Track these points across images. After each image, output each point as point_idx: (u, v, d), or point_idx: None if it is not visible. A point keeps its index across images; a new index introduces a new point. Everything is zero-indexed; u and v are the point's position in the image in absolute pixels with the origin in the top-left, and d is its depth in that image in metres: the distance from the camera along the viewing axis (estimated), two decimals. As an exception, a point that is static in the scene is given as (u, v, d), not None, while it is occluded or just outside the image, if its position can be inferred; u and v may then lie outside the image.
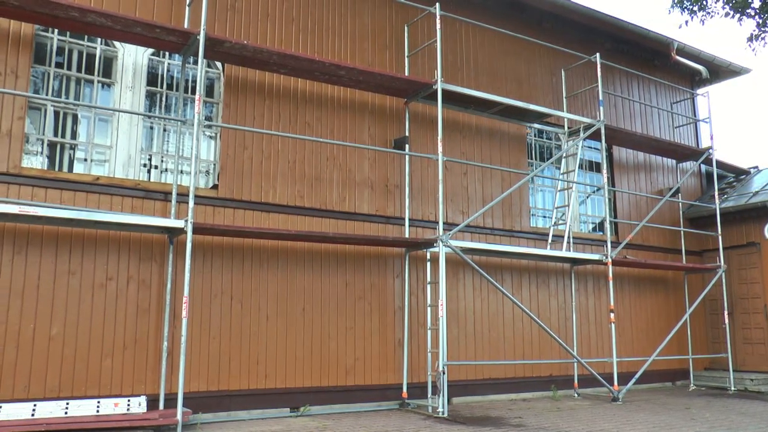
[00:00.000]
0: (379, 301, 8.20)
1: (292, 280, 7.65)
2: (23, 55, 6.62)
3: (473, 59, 9.74)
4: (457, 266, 8.85)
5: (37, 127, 6.86)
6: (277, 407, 7.30)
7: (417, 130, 8.91)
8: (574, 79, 10.83)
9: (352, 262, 8.08)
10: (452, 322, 8.67)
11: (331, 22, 8.55)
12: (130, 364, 6.65)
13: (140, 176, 7.21)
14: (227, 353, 7.13)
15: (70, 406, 6.14)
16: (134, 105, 7.27)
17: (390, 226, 8.44)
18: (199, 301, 7.06)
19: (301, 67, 7.53)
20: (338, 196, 8.14)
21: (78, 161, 7.02)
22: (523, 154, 10.01)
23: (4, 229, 6.29)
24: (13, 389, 6.10)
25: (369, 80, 7.96)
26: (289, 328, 7.54)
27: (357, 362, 7.90)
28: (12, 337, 6.17)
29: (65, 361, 6.36)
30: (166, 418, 6.13)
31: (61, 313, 6.41)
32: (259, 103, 7.81)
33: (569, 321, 9.85)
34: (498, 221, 9.48)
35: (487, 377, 8.92)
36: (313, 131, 8.10)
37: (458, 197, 9.16)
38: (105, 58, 7.25)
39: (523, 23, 10.35)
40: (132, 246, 6.84)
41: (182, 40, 6.85)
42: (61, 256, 6.49)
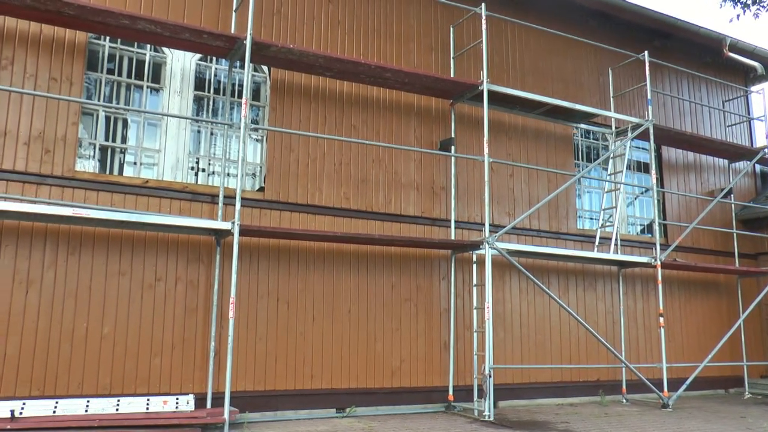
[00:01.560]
0: (425, 303, 8.18)
1: (339, 281, 7.69)
2: (77, 63, 6.83)
3: (519, 59, 9.64)
4: (503, 268, 8.77)
5: (90, 132, 7.06)
6: (323, 408, 7.35)
7: (463, 131, 8.87)
8: (621, 78, 10.63)
9: (398, 263, 8.08)
10: (498, 325, 8.59)
11: (377, 24, 8.58)
12: (178, 363, 6.77)
13: (188, 179, 7.34)
14: (274, 353, 7.20)
15: (121, 403, 6.28)
16: (182, 109, 7.41)
17: (436, 228, 8.42)
18: (246, 302, 7.15)
19: (346, 69, 7.57)
20: (384, 198, 8.15)
21: (128, 165, 7.20)
22: (569, 154, 9.87)
23: (59, 231, 6.48)
24: (67, 386, 6.29)
25: (415, 82, 7.95)
26: (336, 329, 7.58)
27: (403, 364, 7.90)
28: (66, 336, 6.35)
29: (116, 360, 6.52)
30: (213, 417, 6.22)
31: (112, 312, 6.58)
32: (305, 105, 7.88)
33: (617, 325, 9.65)
34: (544, 223, 9.37)
35: (534, 381, 8.81)
36: (359, 133, 8.14)
37: (504, 199, 9.08)
38: (154, 64, 7.42)
39: (570, 22, 10.20)
40: (180, 247, 6.98)
41: (229, 44, 6.95)
42: (112, 257, 6.66)
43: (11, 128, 6.45)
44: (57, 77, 6.72)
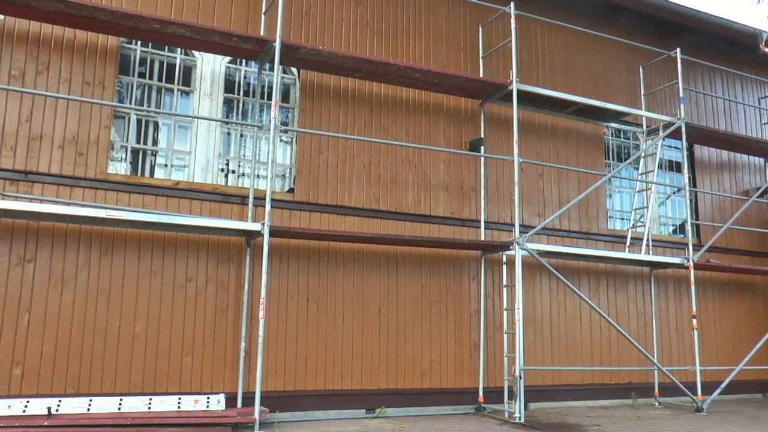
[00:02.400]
0: (454, 303, 8.15)
1: (368, 282, 7.69)
2: (109, 67, 6.94)
3: (548, 58, 9.56)
4: (534, 269, 8.70)
5: (121, 134, 7.16)
6: (353, 408, 7.36)
7: (492, 131, 8.82)
8: (652, 75, 10.47)
9: (427, 264, 8.06)
10: (528, 326, 8.52)
11: (406, 24, 8.57)
12: (209, 362, 6.84)
13: (218, 181, 7.41)
14: (304, 354, 7.23)
15: (153, 402, 6.37)
16: (212, 112, 7.48)
17: (465, 229, 8.38)
18: (276, 302, 7.19)
19: (375, 70, 7.57)
20: (413, 199, 8.14)
21: (159, 167, 7.29)
22: (600, 154, 9.75)
23: (92, 232, 6.59)
24: (101, 384, 6.39)
25: (444, 82, 7.93)
26: (365, 330, 7.58)
27: (433, 365, 7.87)
28: (100, 335, 6.46)
29: (148, 358, 6.61)
30: (244, 416, 6.26)
31: (144, 312, 6.67)
32: (335, 107, 7.91)
33: (649, 327, 9.51)
34: (575, 223, 9.27)
35: (564, 383, 8.72)
36: (388, 134, 8.14)
37: (534, 199, 9.00)
38: (184, 67, 7.50)
39: (600, 20, 10.08)
40: (210, 248, 7.04)
41: (258, 47, 7.00)
42: (144, 258, 6.75)
43: (47, 131, 6.57)
44: (90, 81, 6.83)
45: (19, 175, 6.42)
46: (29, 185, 6.45)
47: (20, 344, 6.18)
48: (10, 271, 6.26)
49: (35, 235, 6.39)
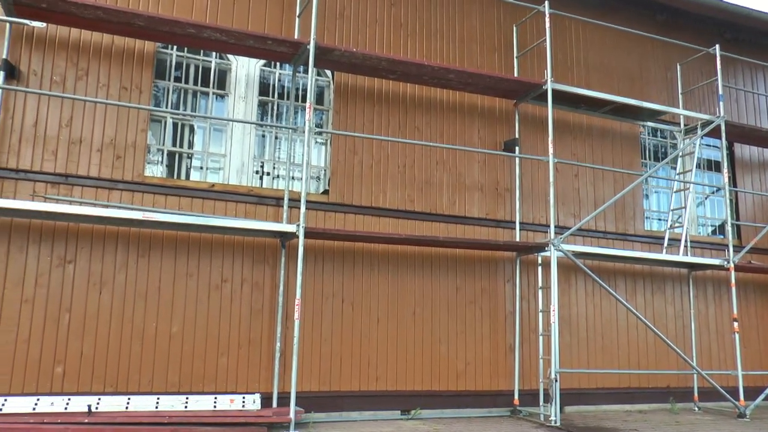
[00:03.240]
0: (489, 305, 8.09)
1: (403, 283, 7.68)
2: (146, 71, 7.05)
3: (583, 57, 9.44)
4: (569, 271, 8.60)
5: (158, 138, 7.27)
6: (388, 409, 7.35)
7: (527, 131, 8.74)
8: (690, 73, 10.26)
9: (462, 266, 8.02)
10: (564, 329, 8.42)
11: (440, 25, 8.54)
12: (244, 362, 6.89)
13: (253, 183, 7.47)
14: (339, 354, 7.25)
15: (189, 401, 6.45)
16: (247, 114, 7.53)
17: (500, 230, 8.32)
18: (311, 303, 7.22)
19: (409, 71, 7.56)
20: (448, 200, 8.11)
21: (194, 169, 7.38)
22: (636, 154, 9.60)
23: (129, 234, 6.69)
24: (139, 383, 6.49)
25: (478, 82, 7.88)
26: (400, 331, 7.57)
27: (468, 367, 7.83)
28: (137, 335, 6.56)
29: (184, 358, 6.69)
30: (279, 416, 6.29)
31: (180, 312, 6.75)
32: (369, 108, 7.91)
33: (687, 329, 9.32)
34: (611, 224, 9.14)
35: (601, 386, 8.60)
36: (422, 135, 8.12)
37: (569, 200, 8.90)
38: (219, 71, 7.58)
39: (636, 17, 9.92)
40: (245, 249, 7.10)
41: (292, 50, 7.04)
42: (180, 259, 6.83)
43: (86, 136, 6.70)
44: (127, 86, 6.94)
45: (60, 178, 6.55)
46: (69, 188, 6.58)
47: (61, 343, 6.31)
48: (51, 272, 6.39)
49: (75, 236, 6.52)
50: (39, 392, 6.14)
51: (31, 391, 6.13)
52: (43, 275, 6.36)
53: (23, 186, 6.43)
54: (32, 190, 6.45)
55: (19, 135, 6.48)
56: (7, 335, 6.15)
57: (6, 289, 6.23)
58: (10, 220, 6.32)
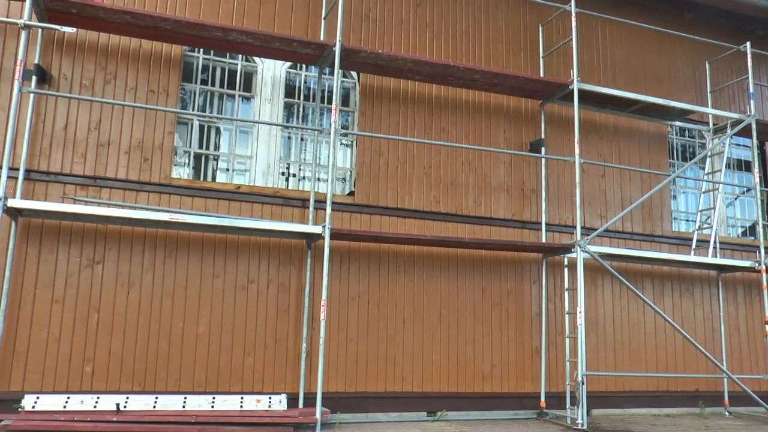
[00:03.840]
0: (515, 307, 8.04)
1: (429, 284, 7.66)
2: (173, 75, 7.11)
3: (610, 56, 9.35)
4: (596, 272, 8.51)
5: (185, 140, 7.33)
6: (413, 411, 7.33)
7: (553, 132, 8.67)
8: (720, 71, 10.11)
9: (488, 267, 7.98)
10: (590, 331, 8.34)
11: (465, 25, 8.51)
12: (270, 362, 6.92)
13: (279, 184, 7.50)
14: (365, 355, 7.25)
15: (216, 400, 6.48)
16: (273, 116, 7.57)
17: (526, 231, 8.26)
18: (337, 304, 7.23)
19: (435, 72, 7.54)
20: (474, 201, 8.07)
21: (221, 171, 7.45)
22: (664, 154, 9.48)
23: (156, 235, 6.76)
24: (166, 382, 6.55)
25: (504, 83, 7.84)
26: (426, 333, 7.55)
27: (494, 369, 7.78)
28: (164, 335, 6.62)
29: (211, 358, 6.74)
30: (305, 417, 6.30)
31: (207, 312, 6.80)
32: (394, 109, 7.91)
33: (717, 333, 9.17)
34: (638, 225, 9.03)
35: (628, 389, 8.49)
36: (448, 136, 8.10)
37: (596, 201, 8.81)
38: (245, 73, 7.62)
39: (664, 16, 9.80)
40: (271, 250, 7.13)
41: (318, 52, 7.05)
42: (206, 260, 6.88)
43: (114, 138, 6.77)
44: (155, 89, 7.01)
45: (89, 180, 6.63)
46: (98, 190, 6.66)
47: (90, 342, 6.40)
48: (81, 272, 6.47)
49: (104, 237, 6.60)
50: (69, 390, 6.23)
51: (62, 389, 6.22)
52: (72, 276, 6.45)
53: (53, 188, 6.53)
54: (62, 192, 6.54)
55: (50, 138, 6.58)
56: (39, 334, 6.25)
57: (37, 289, 6.32)
58: (41, 222, 6.42)
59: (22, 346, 6.19)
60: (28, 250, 6.36)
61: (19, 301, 6.25)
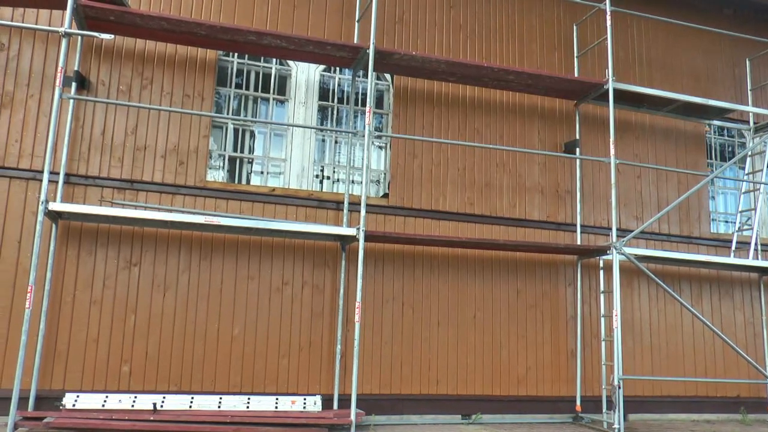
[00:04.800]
0: (551, 309, 7.96)
1: (463, 287, 7.62)
2: (208, 79, 7.19)
3: (646, 54, 9.19)
4: (632, 274, 8.38)
5: (219, 143, 7.40)
6: (448, 413, 7.30)
7: (588, 132, 8.56)
8: (760, 69, 9.84)
9: (523, 269, 7.91)
10: (627, 334, 8.21)
11: (499, 26, 8.46)
12: (305, 364, 6.95)
13: (313, 187, 7.52)
14: (399, 358, 7.24)
15: (251, 401, 6.53)
16: (307, 119, 7.60)
17: (561, 233, 8.17)
18: (371, 306, 7.23)
19: (469, 74, 7.50)
20: (508, 203, 8.01)
21: (255, 174, 7.49)
22: (701, 153, 9.29)
23: (192, 238, 6.84)
24: (201, 383, 6.64)
25: (538, 83, 7.76)
26: (460, 335, 7.51)
27: (529, 372, 7.71)
28: (200, 336, 6.70)
29: (246, 359, 6.79)
30: (340, 418, 6.31)
31: (242, 314, 6.86)
32: (428, 111, 7.89)
33: (759, 337, 8.93)
34: (675, 227, 8.86)
35: (666, 394, 8.33)
36: (482, 138, 8.05)
37: (632, 202, 8.68)
38: (279, 77, 7.67)
39: (701, 12, 9.60)
40: (306, 253, 7.16)
41: (352, 54, 7.06)
42: (241, 262, 6.94)
43: (150, 143, 6.87)
44: (190, 94, 7.10)
45: (126, 183, 6.74)
46: (134, 193, 6.76)
47: (128, 343, 6.50)
48: (118, 274, 6.58)
49: (140, 240, 6.70)
50: (107, 390, 6.35)
51: (101, 388, 6.34)
52: (110, 277, 6.55)
53: (92, 191, 6.65)
54: (100, 195, 6.66)
55: (88, 143, 6.71)
56: (78, 334, 6.38)
57: (77, 291, 6.45)
58: (80, 225, 6.54)
59: (63, 346, 6.33)
60: (67, 252, 6.49)
61: (59, 302, 6.39)
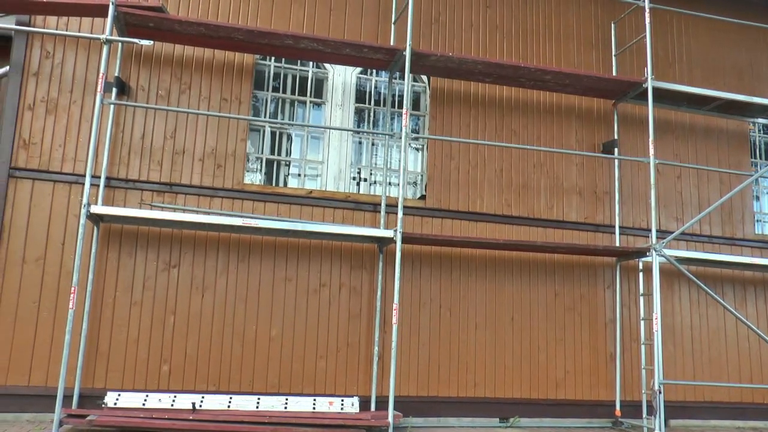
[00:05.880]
0: (589, 312, 7.85)
1: (501, 289, 7.57)
2: (245, 83, 7.26)
3: (686, 52, 9.01)
4: (672, 277, 8.22)
5: (257, 146, 7.47)
6: (486, 416, 7.25)
7: (626, 132, 8.43)
8: (807, 65, 9.60)
9: (560, 271, 7.82)
10: (667, 338, 8.05)
11: (535, 25, 8.38)
12: (342, 365, 6.97)
13: (350, 189, 7.54)
14: (436, 360, 7.21)
15: (289, 402, 6.57)
16: (344, 122, 7.62)
17: (599, 235, 8.06)
18: (409, 308, 7.21)
19: (506, 74, 7.44)
20: (545, 204, 7.93)
21: (292, 176, 7.55)
22: (745, 153, 9.06)
23: (230, 240, 6.90)
24: (239, 383, 6.70)
25: (575, 83, 7.67)
26: (498, 338, 7.46)
27: (567, 375, 7.61)
28: (238, 337, 6.76)
29: (283, 360, 6.84)
30: (377, 420, 6.30)
31: (279, 316, 6.90)
32: (465, 113, 7.85)
33: (806, 342, 8.71)
34: (716, 228, 8.67)
35: (708, 400, 8.14)
36: (519, 139, 7.98)
37: (672, 203, 8.51)
38: (316, 80, 7.72)
39: (744, 7, 9.35)
40: (343, 255, 7.17)
41: (389, 57, 7.07)
42: (279, 264, 6.98)
43: (188, 146, 6.96)
44: (227, 98, 7.17)
45: (165, 186, 6.84)
46: (173, 196, 6.85)
47: (167, 344, 6.60)
48: (157, 276, 6.68)
49: (179, 242, 6.79)
50: (148, 389, 6.45)
51: (141, 387, 6.45)
52: (149, 279, 6.65)
53: (132, 195, 6.76)
54: (140, 198, 6.77)
55: (128, 147, 6.83)
56: (119, 335, 6.49)
57: (117, 292, 6.56)
58: (120, 227, 6.65)
59: (104, 346, 6.45)
60: (108, 255, 6.61)
61: (101, 303, 6.52)
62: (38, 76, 6.74)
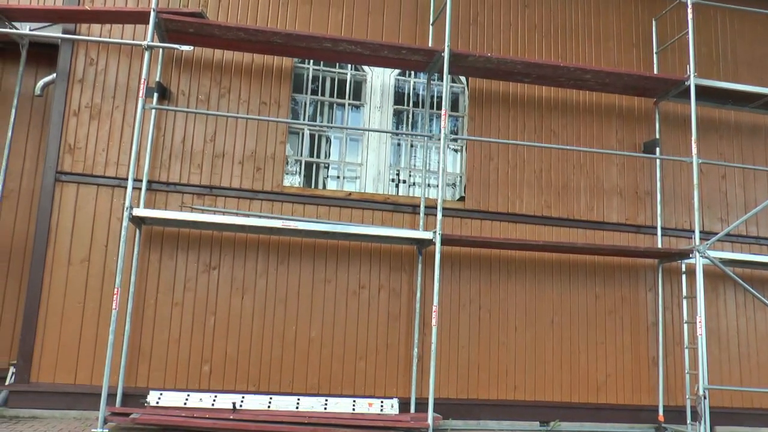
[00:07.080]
0: (630, 315, 7.71)
1: (540, 291, 7.49)
2: (284, 87, 7.33)
3: (730, 48, 8.80)
4: (716, 279, 8.02)
5: (296, 149, 7.52)
6: (526, 419, 7.17)
7: (668, 131, 8.27)
8: None
9: (601, 273, 7.71)
10: (712, 342, 7.86)
11: (574, 24, 8.27)
12: (382, 367, 6.98)
13: (389, 191, 7.55)
14: (476, 362, 7.17)
15: (328, 403, 6.59)
16: (382, 124, 7.63)
17: (641, 236, 7.91)
18: (448, 310, 7.19)
19: (545, 74, 7.36)
20: (586, 205, 7.82)
21: (331, 178, 7.59)
22: (793, 151, 8.83)
23: (269, 242, 6.97)
24: (279, 384, 6.77)
25: (615, 82, 7.55)
26: (538, 340, 7.38)
27: (608, 379, 7.49)
28: (278, 338, 6.82)
29: (323, 361, 6.88)
30: (417, 422, 6.29)
31: (319, 317, 6.94)
32: (504, 113, 7.80)
33: None
34: (763, 229, 8.43)
35: (757, 406, 7.92)
36: (558, 139, 7.89)
37: (716, 203, 8.32)
38: (355, 82, 7.74)
39: (791, 2, 9.14)
40: (382, 256, 7.19)
41: (427, 58, 7.05)
42: (318, 266, 7.02)
43: (228, 150, 7.04)
44: (266, 101, 7.24)
45: (205, 189, 6.93)
46: (213, 199, 6.95)
47: (208, 344, 6.69)
48: (198, 277, 6.77)
49: (219, 244, 6.87)
50: (189, 388, 6.55)
51: (182, 386, 6.55)
52: (190, 280, 6.75)
53: (173, 198, 6.88)
54: (181, 201, 6.88)
55: (169, 151, 6.94)
56: (161, 335, 6.61)
57: (159, 293, 6.67)
58: (162, 230, 6.76)
59: (147, 346, 6.57)
60: (150, 256, 6.73)
61: (143, 303, 6.64)
62: (83, 83, 6.90)
